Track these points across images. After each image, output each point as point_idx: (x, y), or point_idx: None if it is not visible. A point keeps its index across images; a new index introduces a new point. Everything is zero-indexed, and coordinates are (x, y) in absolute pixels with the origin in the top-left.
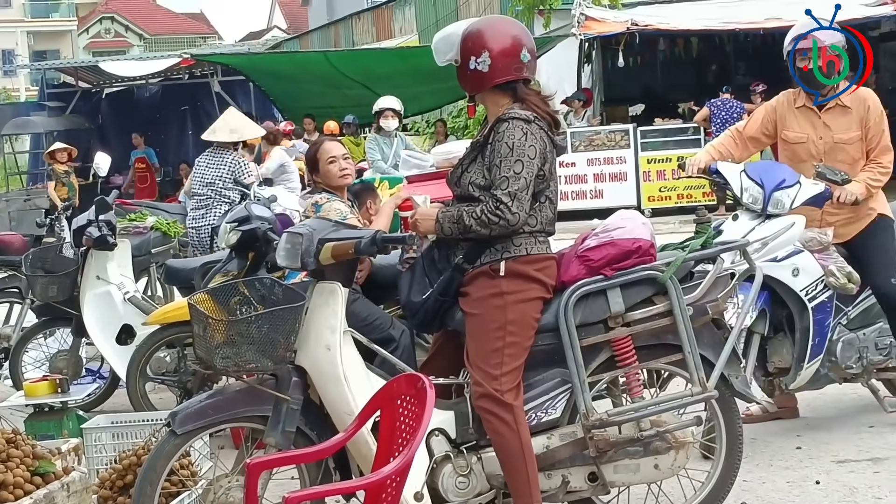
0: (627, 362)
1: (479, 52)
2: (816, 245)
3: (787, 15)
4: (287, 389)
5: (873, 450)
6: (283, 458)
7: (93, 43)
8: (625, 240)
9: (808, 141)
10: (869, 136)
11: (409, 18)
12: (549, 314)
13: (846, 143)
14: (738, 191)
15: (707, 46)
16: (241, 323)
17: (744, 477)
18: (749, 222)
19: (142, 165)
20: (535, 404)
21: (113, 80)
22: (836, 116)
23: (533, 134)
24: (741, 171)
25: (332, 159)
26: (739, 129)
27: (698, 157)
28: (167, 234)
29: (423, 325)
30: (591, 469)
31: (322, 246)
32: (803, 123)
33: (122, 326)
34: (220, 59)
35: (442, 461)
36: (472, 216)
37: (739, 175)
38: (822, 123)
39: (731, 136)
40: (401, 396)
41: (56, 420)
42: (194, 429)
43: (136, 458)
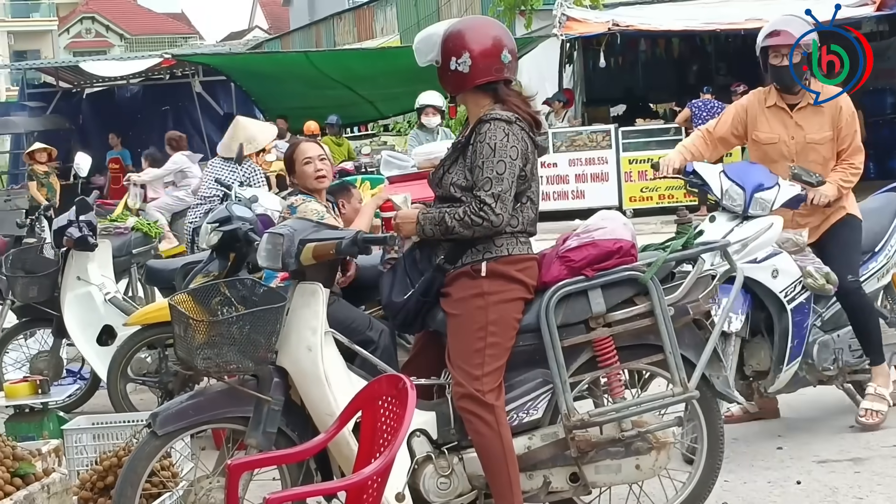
0: (609, 363)
1: (459, 52)
2: (792, 246)
3: (768, 15)
4: (268, 390)
5: (854, 450)
6: (265, 459)
7: (73, 43)
8: (606, 240)
9: (780, 141)
10: (841, 137)
11: (390, 19)
12: (530, 315)
13: (818, 144)
14: (718, 192)
15: (688, 47)
16: (222, 324)
17: (725, 477)
18: (727, 223)
19: (116, 166)
20: (516, 405)
21: (94, 80)
22: (808, 116)
23: (514, 135)
24: (720, 172)
25: (307, 160)
26: (710, 129)
27: (671, 157)
28: (148, 235)
29: (405, 326)
30: (573, 469)
31: (303, 246)
32: (774, 124)
33: (103, 327)
34: (201, 60)
35: (423, 462)
36: (455, 218)
37: (719, 176)
38: (793, 123)
39: (702, 136)
40: (382, 397)
41: (36, 421)
42: (175, 430)
43: (116, 460)
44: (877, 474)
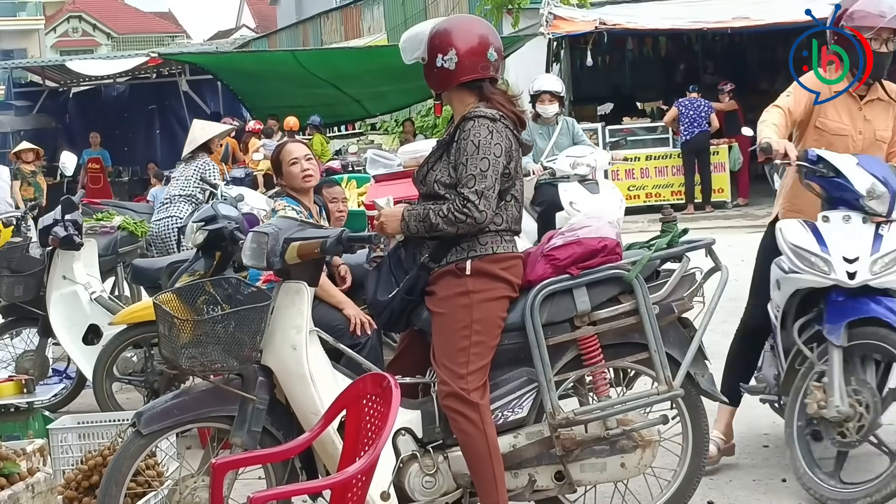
0: (594, 361)
1: (445, 49)
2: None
3: (755, 14)
4: (253, 389)
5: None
6: (249, 457)
7: (60, 42)
8: (591, 238)
9: (848, 134)
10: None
11: (377, 18)
12: (515, 313)
13: (883, 141)
14: (862, 188)
15: (675, 46)
16: (206, 322)
17: (710, 475)
18: (864, 227)
19: (96, 166)
20: (501, 403)
21: (80, 79)
22: (877, 110)
23: (499, 132)
24: (856, 163)
25: (293, 161)
26: (789, 108)
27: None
28: (134, 234)
29: (390, 325)
30: (558, 468)
31: (288, 245)
32: (843, 113)
33: (89, 326)
34: (187, 59)
35: (408, 460)
36: (439, 214)
37: (856, 168)
38: (862, 116)
39: (783, 115)
40: (366, 396)
41: (21, 421)
42: (160, 429)
43: (101, 459)
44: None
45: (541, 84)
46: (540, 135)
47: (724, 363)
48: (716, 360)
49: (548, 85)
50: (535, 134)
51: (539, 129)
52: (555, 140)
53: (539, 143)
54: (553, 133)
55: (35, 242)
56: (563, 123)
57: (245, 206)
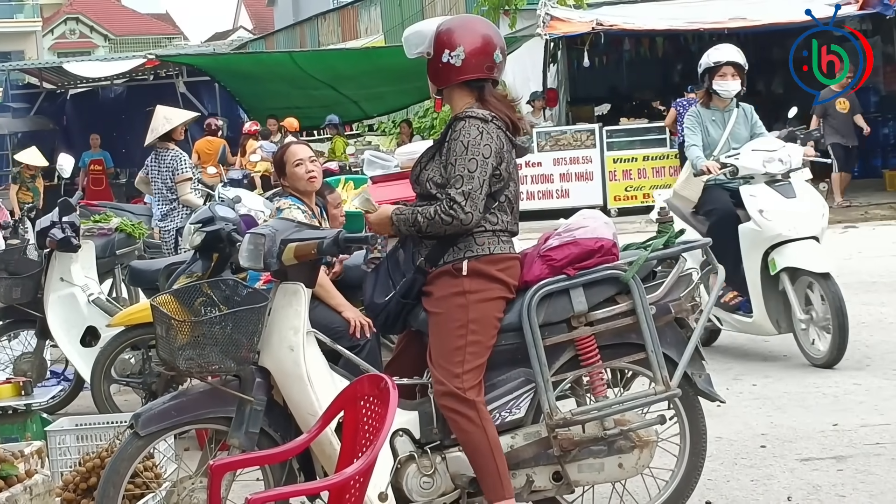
0: (591, 361)
1: (454, 46)
2: None
3: (752, 15)
4: (250, 390)
5: (837, 448)
6: (247, 459)
7: (57, 44)
8: (587, 239)
9: None
10: None
11: (374, 19)
12: (512, 314)
13: None
14: None
15: (672, 46)
16: (203, 324)
17: (708, 475)
18: None
19: (97, 167)
20: (498, 404)
21: (77, 80)
22: None
23: (489, 133)
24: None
25: (298, 162)
26: None
27: None
28: (132, 236)
29: (387, 327)
30: (556, 468)
31: (285, 246)
32: None
33: (87, 328)
34: (184, 60)
35: (406, 461)
36: (426, 216)
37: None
38: None
39: None
40: (364, 397)
41: (19, 422)
42: (157, 430)
43: (99, 461)
44: (859, 472)
45: (721, 54)
46: (712, 122)
47: (720, 364)
48: (713, 361)
49: (729, 55)
50: (707, 121)
51: (711, 115)
52: (730, 129)
53: (711, 133)
54: (729, 121)
55: (32, 244)
56: (741, 110)
57: (242, 207)
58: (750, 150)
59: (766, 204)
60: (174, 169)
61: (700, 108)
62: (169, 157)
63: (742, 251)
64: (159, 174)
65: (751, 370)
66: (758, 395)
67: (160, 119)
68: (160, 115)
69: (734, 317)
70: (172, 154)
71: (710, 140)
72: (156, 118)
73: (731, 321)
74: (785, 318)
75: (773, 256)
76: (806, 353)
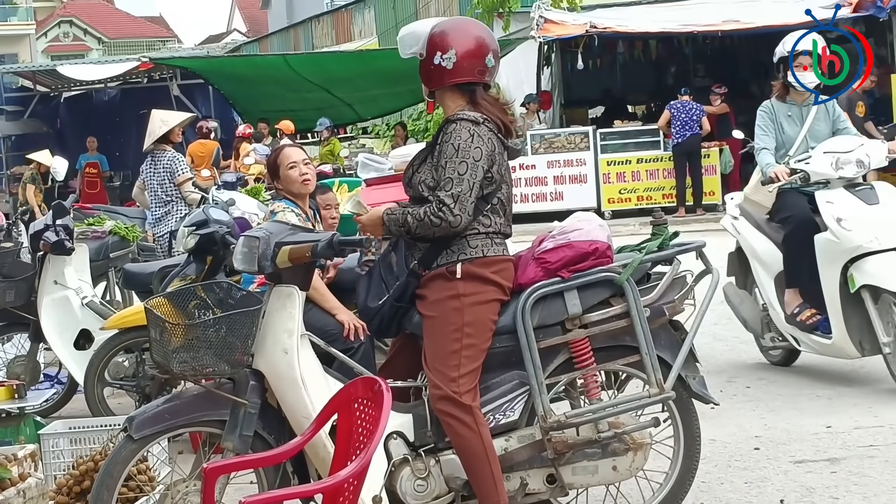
0: (585, 364)
1: (446, 48)
2: None
3: (745, 17)
4: (244, 393)
5: (830, 450)
6: (241, 462)
7: (51, 47)
8: (581, 241)
9: None
10: None
11: (368, 21)
12: (506, 316)
13: None
14: None
15: (666, 49)
16: (197, 327)
17: (702, 478)
18: None
19: (93, 171)
20: (493, 406)
21: (71, 83)
22: None
23: (480, 136)
24: None
25: (292, 164)
26: None
27: None
28: (125, 239)
29: (381, 331)
30: (550, 471)
31: (279, 249)
32: None
33: (80, 331)
34: (178, 63)
35: (400, 464)
36: (416, 217)
37: None
38: None
39: None
40: (358, 399)
41: (13, 426)
42: (151, 433)
43: (93, 464)
44: (853, 474)
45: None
46: (788, 118)
47: (714, 366)
48: (707, 363)
49: (808, 43)
50: (782, 117)
51: (787, 110)
52: (809, 126)
53: (786, 130)
54: (808, 116)
55: (26, 247)
56: (831, 108)
57: (236, 210)
58: (822, 153)
59: (844, 211)
60: (172, 171)
61: (775, 102)
62: (165, 158)
63: (818, 264)
64: (155, 176)
65: (744, 372)
66: (751, 398)
67: (157, 122)
68: (157, 119)
69: (812, 338)
70: (169, 156)
71: (784, 138)
72: (152, 122)
73: (809, 342)
74: (869, 340)
75: (851, 272)
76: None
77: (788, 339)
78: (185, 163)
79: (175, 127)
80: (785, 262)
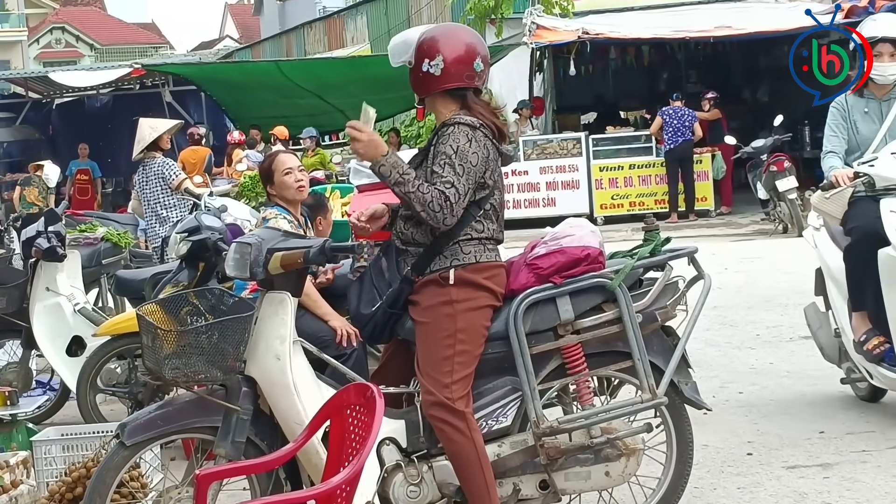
0: (577, 370)
1: (433, 55)
2: None
3: (737, 23)
4: (237, 400)
5: (823, 455)
6: (233, 468)
7: (43, 53)
8: (574, 247)
9: None
10: None
11: (360, 28)
12: (498, 322)
13: None
14: None
15: (658, 55)
16: (189, 333)
17: (694, 483)
18: None
19: (84, 177)
20: (485, 412)
21: (63, 90)
22: None
23: (477, 141)
24: None
25: (287, 171)
26: None
27: None
28: (118, 245)
29: (374, 337)
30: (542, 477)
31: (271, 255)
32: None
33: (73, 338)
34: (170, 69)
35: (393, 470)
36: (420, 190)
37: None
38: None
39: None
40: (350, 406)
41: (5, 433)
42: (143, 440)
43: (85, 471)
44: (846, 479)
45: (877, 28)
46: (864, 115)
47: (707, 371)
48: (699, 369)
49: (888, 28)
50: (857, 114)
51: (863, 107)
52: (891, 123)
53: (861, 129)
54: (889, 112)
55: (18, 254)
56: None
57: (228, 216)
58: (889, 153)
59: None
60: (164, 176)
61: (850, 97)
62: (156, 165)
63: (882, 283)
64: (147, 183)
65: (737, 378)
66: (744, 403)
67: (145, 130)
68: (145, 126)
69: (879, 370)
70: (159, 161)
71: (860, 138)
72: (140, 130)
73: (878, 375)
74: None
75: None
76: None
77: (860, 370)
78: (176, 166)
79: (164, 134)
80: (847, 280)
